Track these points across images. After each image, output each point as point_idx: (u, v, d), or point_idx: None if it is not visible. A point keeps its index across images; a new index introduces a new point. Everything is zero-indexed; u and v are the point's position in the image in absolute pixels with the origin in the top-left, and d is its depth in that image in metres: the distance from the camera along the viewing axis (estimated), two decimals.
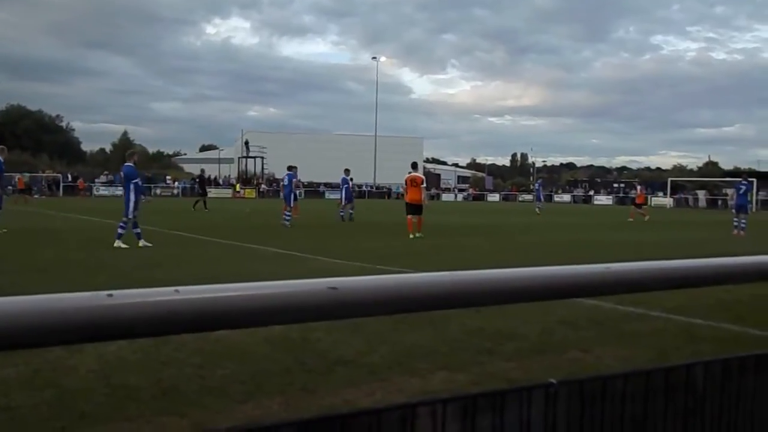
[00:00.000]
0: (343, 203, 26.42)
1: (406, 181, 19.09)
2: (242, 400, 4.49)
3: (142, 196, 15.46)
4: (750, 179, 27.55)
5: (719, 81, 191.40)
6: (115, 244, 14.10)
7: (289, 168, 24.49)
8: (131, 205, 14.44)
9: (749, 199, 24.82)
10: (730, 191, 66.81)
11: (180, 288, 1.02)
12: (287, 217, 22.53)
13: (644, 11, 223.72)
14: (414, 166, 19.11)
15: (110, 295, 0.95)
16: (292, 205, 23.00)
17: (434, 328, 6.44)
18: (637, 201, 34.80)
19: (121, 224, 14.58)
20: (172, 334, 1.02)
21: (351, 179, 26.98)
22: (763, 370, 1.75)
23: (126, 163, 15.02)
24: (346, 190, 26.43)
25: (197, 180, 40.37)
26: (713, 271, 1.65)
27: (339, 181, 28.08)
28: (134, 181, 14.60)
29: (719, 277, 1.65)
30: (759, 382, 1.73)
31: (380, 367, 5.29)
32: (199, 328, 1.03)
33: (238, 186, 70.24)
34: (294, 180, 23.98)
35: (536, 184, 46.71)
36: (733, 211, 23.30)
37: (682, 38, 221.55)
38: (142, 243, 14.36)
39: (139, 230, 14.65)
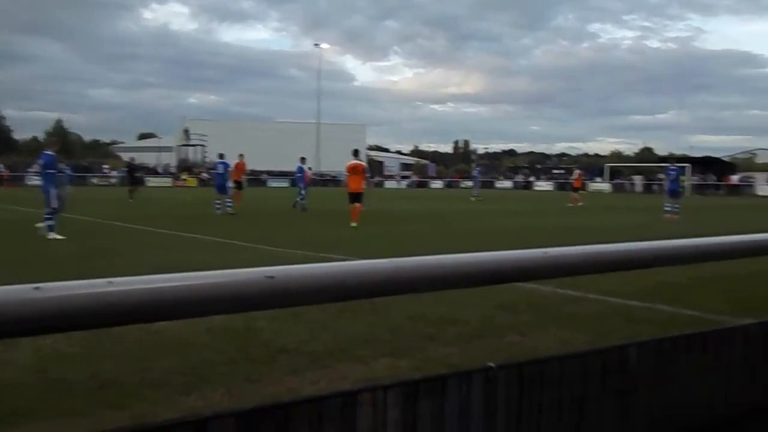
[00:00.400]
0: (303, 192, 25.97)
1: (347, 169, 18.76)
2: (184, 392, 4.43)
3: (67, 186, 14.87)
4: (680, 165, 28.43)
5: (654, 69, 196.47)
6: (49, 236, 13.60)
7: (221, 156, 24.98)
8: (52, 193, 13.89)
9: (681, 184, 25.50)
10: (637, 177, 68.91)
11: (114, 279, 0.99)
12: (221, 204, 22.69)
13: None
14: (355, 153, 18.89)
15: (37, 288, 0.92)
16: (230, 193, 23.10)
17: (377, 315, 6.46)
18: (575, 185, 35.28)
19: (47, 215, 14.00)
20: (106, 327, 0.99)
21: (310, 168, 26.83)
22: (693, 349, 1.81)
23: (45, 151, 14.42)
24: (301, 179, 26.12)
25: (127, 169, 39.93)
26: (646, 254, 1.69)
27: (289, 169, 28.08)
28: (50, 171, 14.03)
29: (651, 260, 1.70)
30: (690, 360, 1.79)
31: (323, 354, 5.28)
32: (134, 320, 1.01)
33: (184, 174, 68.82)
34: (230, 168, 24.18)
35: (475, 171, 46.92)
36: (666, 196, 23.90)
37: (618, 27, 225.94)
38: (52, 236, 13.74)
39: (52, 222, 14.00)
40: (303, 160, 26.79)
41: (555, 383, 1.50)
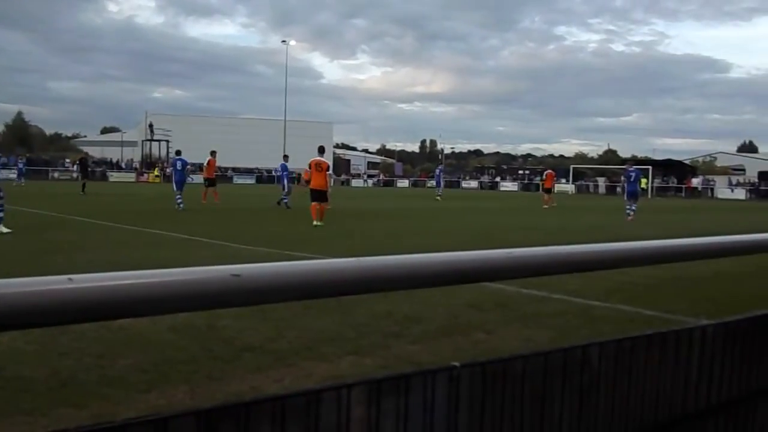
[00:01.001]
0: (286, 190, 25.70)
1: (310, 165, 18.14)
2: (145, 390, 4.38)
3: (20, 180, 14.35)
4: (638, 167, 28.73)
5: (618, 72, 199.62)
6: None
7: (177, 153, 25.53)
8: None
9: (639, 185, 25.71)
10: (600, 179, 69.81)
11: (74, 276, 0.98)
12: (180, 200, 22.91)
13: (549, 2, 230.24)
14: (320, 150, 18.48)
15: None
16: (182, 190, 23.41)
17: (342, 313, 6.46)
18: (545, 186, 34.32)
19: None
20: (66, 324, 0.98)
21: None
22: (653, 348, 1.84)
23: None
24: (285, 177, 25.91)
25: (78, 163, 40.08)
26: (610, 255, 1.72)
27: (255, 165, 28.05)
28: None
29: (615, 261, 1.73)
30: (649, 360, 1.82)
31: (288, 352, 5.27)
32: (95, 318, 1.00)
33: (156, 171, 67.83)
34: (188, 166, 24.69)
35: (437, 170, 46.49)
36: (625, 198, 24.03)
37: (584, 29, 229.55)
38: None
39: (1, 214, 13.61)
40: (286, 158, 26.58)
41: (518, 381, 1.52)
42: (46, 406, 4.06)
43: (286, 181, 25.83)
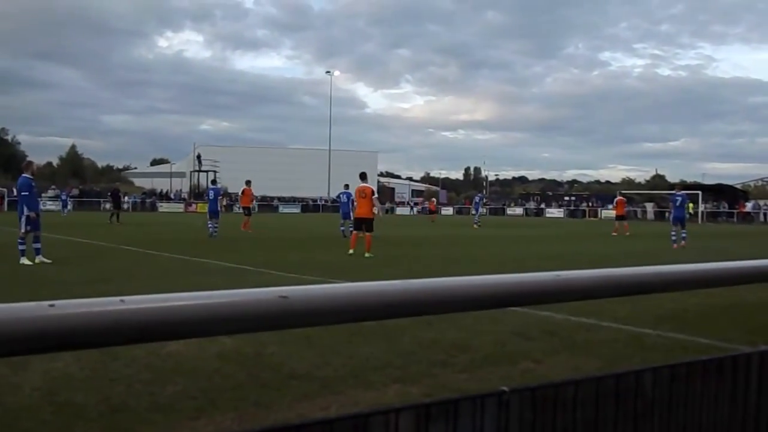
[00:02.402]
0: (342, 219, 25.34)
1: (355, 192, 17.79)
2: (194, 417, 4.41)
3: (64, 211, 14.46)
4: (687, 191, 27.71)
5: (665, 96, 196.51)
6: (21, 261, 13.44)
7: (213, 182, 26.62)
8: (24, 219, 13.63)
9: (686, 210, 24.79)
10: (649, 205, 68.18)
11: (126, 298, 0.99)
12: (213, 228, 23.64)
13: (593, 28, 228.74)
14: (362, 176, 17.89)
15: (52, 305, 0.92)
16: (219, 218, 24.19)
17: (388, 340, 6.43)
18: (618, 213, 32.24)
19: (20, 240, 13.82)
20: (118, 345, 0.99)
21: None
22: (709, 375, 1.79)
23: (23, 174, 14.16)
24: (344, 206, 25.40)
25: (110, 195, 41.50)
26: (659, 278, 1.68)
27: (300, 195, 28.48)
28: (24, 193, 13.80)
29: (664, 284, 1.69)
30: (705, 386, 1.77)
31: (334, 380, 5.25)
32: (146, 339, 1.01)
33: (226, 202, 68.93)
34: (220, 195, 25.44)
35: (476, 198, 45.10)
36: (671, 223, 22.95)
37: (629, 55, 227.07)
38: (39, 259, 13.67)
39: (38, 245, 13.88)
40: (347, 187, 26.56)
41: (569, 407, 1.48)
42: (98, 431, 4.12)
43: (344, 209, 25.36)
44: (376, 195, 17.81)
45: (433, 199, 36.02)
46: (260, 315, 1.09)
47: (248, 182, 27.99)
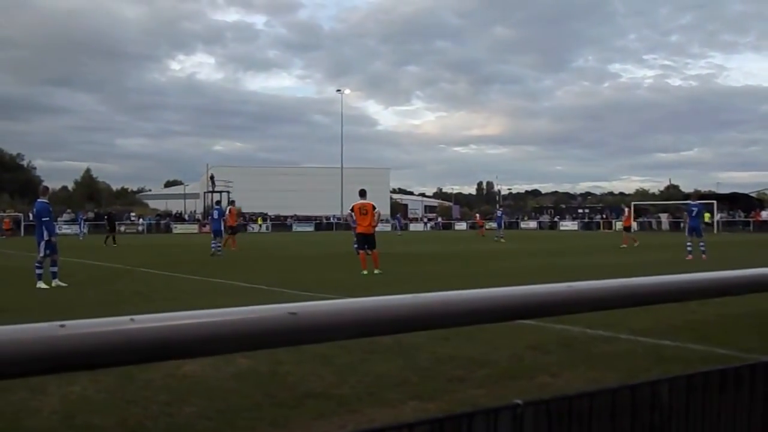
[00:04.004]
0: (213, 237, 26.11)
1: (354, 209, 17.18)
2: None
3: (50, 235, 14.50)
4: (702, 201, 27.17)
5: (676, 107, 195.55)
6: (38, 285, 13.53)
7: (217, 203, 28.95)
8: (43, 243, 13.83)
9: (702, 220, 24.23)
10: (663, 216, 67.54)
11: (136, 317, 1.00)
12: (217, 247, 24.81)
13: (602, 41, 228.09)
14: (362, 193, 17.35)
15: (62, 326, 0.92)
16: (224, 237, 25.70)
17: (404, 357, 6.40)
18: (625, 225, 32.78)
19: (37, 264, 13.97)
20: (130, 364, 0.99)
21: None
22: (726, 385, 1.77)
23: (39, 199, 14.35)
24: (216, 223, 26.64)
25: (106, 217, 42.42)
26: (675, 287, 1.67)
27: (314, 213, 29.34)
28: (45, 219, 13.95)
29: (680, 294, 1.67)
30: (723, 397, 1.74)
31: (351, 398, 5.23)
32: (157, 357, 1.01)
33: (246, 220, 69.82)
34: (219, 214, 26.40)
35: (498, 212, 46.18)
36: (686, 233, 22.29)
37: (639, 66, 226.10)
38: (55, 283, 13.78)
39: (55, 269, 14.03)
40: (218, 203, 29.23)
41: (584, 420, 1.47)
42: None
43: (220, 227, 26.83)
44: (377, 210, 17.36)
45: (628, 210, 34.42)
46: (270, 332, 1.09)
47: (232, 202, 30.43)
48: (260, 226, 73.28)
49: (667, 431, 1.63)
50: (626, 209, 35.34)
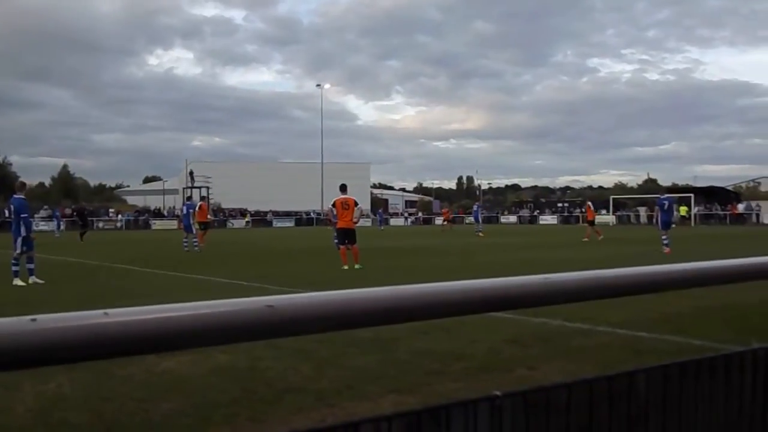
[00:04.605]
0: (185, 233, 26.05)
1: (335, 204, 16.98)
2: None
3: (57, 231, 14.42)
4: (681, 194, 27.51)
5: (654, 101, 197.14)
6: (14, 282, 13.38)
7: (188, 198, 29.34)
8: (20, 240, 13.66)
9: (678, 213, 24.39)
10: (642, 209, 68.35)
11: (110, 311, 0.98)
12: (195, 243, 24.77)
13: (581, 36, 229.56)
14: (342, 188, 17.19)
15: (34, 320, 0.91)
16: (194, 233, 25.32)
17: (383, 351, 6.41)
18: (588, 218, 33.29)
19: (13, 261, 13.81)
20: (104, 359, 0.98)
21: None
22: (702, 374, 1.78)
23: (15, 195, 14.13)
24: (185, 218, 26.59)
25: (75, 213, 42.62)
26: (650, 278, 1.68)
27: (294, 209, 29.15)
28: (23, 215, 13.80)
29: (655, 285, 1.68)
30: (699, 386, 1.76)
31: (329, 392, 5.23)
32: (132, 352, 1.00)
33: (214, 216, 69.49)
34: (192, 210, 26.14)
35: (475, 207, 46.73)
36: (659, 228, 22.27)
37: (617, 61, 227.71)
38: (32, 280, 13.63)
39: (32, 266, 13.89)
40: (189, 198, 29.53)
41: (562, 411, 1.47)
42: None
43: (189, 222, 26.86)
44: (359, 205, 17.34)
45: (446, 209, 36.02)
46: (247, 325, 1.08)
47: (203, 198, 29.88)
48: (248, 222, 72.89)
49: (644, 421, 1.64)
50: (588, 203, 36.05)
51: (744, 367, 1.89)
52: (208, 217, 30.79)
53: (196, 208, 27.34)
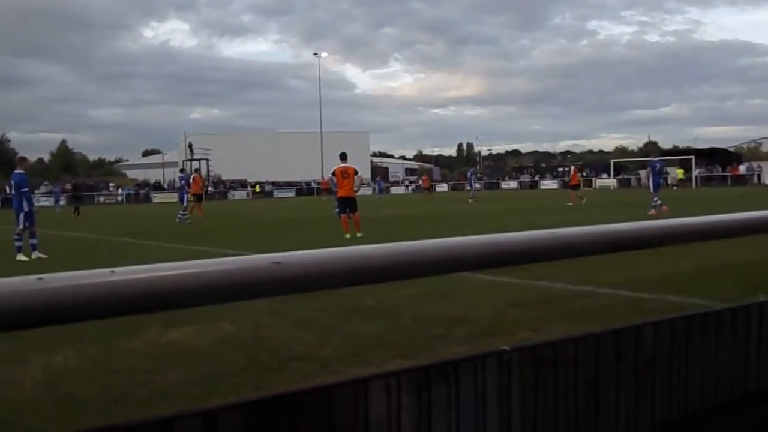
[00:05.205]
0: (182, 204, 26.28)
1: (335, 173, 16.91)
2: (195, 403, 4.41)
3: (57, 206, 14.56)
4: (661, 158, 27.99)
5: (654, 63, 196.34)
6: (17, 258, 13.44)
7: (181, 170, 28.99)
8: (22, 215, 13.68)
9: (663, 176, 24.97)
10: (642, 172, 68.43)
11: (116, 269, 0.98)
12: (184, 215, 25.01)
13: None
14: (342, 157, 17.10)
15: (40, 279, 0.90)
16: (184, 205, 25.57)
17: (386, 317, 6.44)
18: (572, 183, 33.90)
19: (16, 236, 13.86)
20: (111, 317, 0.98)
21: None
22: (708, 328, 1.78)
23: (16, 170, 14.10)
24: (181, 190, 26.85)
25: (72, 188, 43.57)
26: (655, 232, 1.67)
27: (294, 179, 29.45)
28: (24, 190, 13.78)
29: (660, 238, 1.67)
30: (705, 339, 1.77)
31: (334, 359, 5.25)
32: (138, 310, 0.99)
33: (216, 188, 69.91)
34: (185, 182, 26.51)
35: (468, 173, 47.02)
36: (652, 190, 22.78)
37: (616, 23, 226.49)
38: (35, 255, 13.69)
39: (35, 241, 13.94)
40: (183, 171, 29.62)
41: (570, 365, 1.48)
42: (99, 422, 4.11)
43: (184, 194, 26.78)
44: (359, 174, 17.22)
45: (425, 176, 36.87)
46: (254, 282, 1.07)
47: (197, 170, 30.21)
48: (259, 192, 73.08)
49: (651, 374, 1.65)
50: (572, 167, 36.32)
51: (750, 319, 1.89)
52: (209, 189, 31.05)
53: (190, 180, 27.48)
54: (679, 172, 60.79)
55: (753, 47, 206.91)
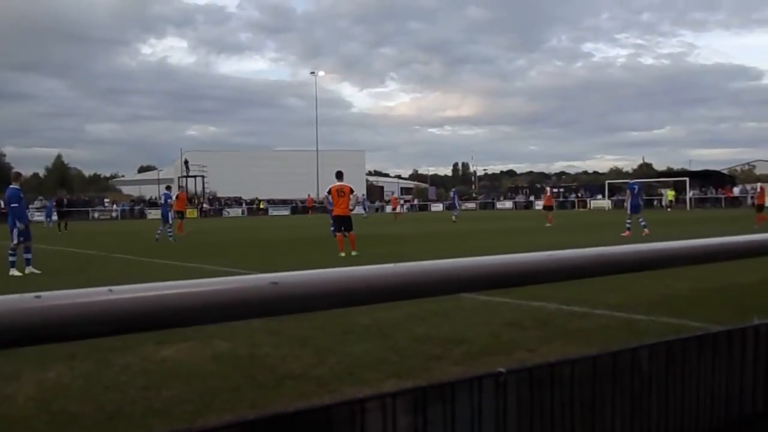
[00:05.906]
0: (162, 223, 25.92)
1: (330, 191, 17.12)
2: (190, 420, 4.38)
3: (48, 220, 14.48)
4: (640, 180, 28.46)
5: (648, 85, 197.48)
6: (11, 273, 13.41)
7: (167, 188, 28.60)
8: (16, 230, 13.63)
9: (642, 198, 25.11)
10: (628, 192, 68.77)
11: (114, 288, 0.98)
12: (169, 233, 25.04)
13: (575, 20, 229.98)
14: (338, 175, 17.25)
15: (38, 297, 0.90)
16: (170, 222, 25.53)
17: (382, 337, 6.42)
18: (545, 204, 34.52)
19: (10, 251, 13.82)
20: (107, 336, 0.97)
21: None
22: (704, 350, 1.79)
23: (11, 185, 14.05)
24: (163, 207, 26.51)
25: (56, 203, 43.26)
26: (652, 255, 1.67)
27: (290, 197, 29.46)
28: (13, 205, 13.71)
29: (657, 261, 1.68)
30: (701, 362, 1.77)
31: (330, 378, 5.23)
32: (135, 329, 0.99)
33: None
34: (170, 200, 26.33)
35: (451, 193, 47.72)
36: (629, 212, 22.93)
37: (611, 45, 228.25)
38: (29, 270, 13.68)
39: (29, 256, 13.95)
40: (168, 188, 28.43)
41: (566, 386, 1.47)
42: None
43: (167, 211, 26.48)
44: (354, 193, 17.38)
45: (394, 195, 37.42)
46: (251, 302, 1.07)
47: (181, 188, 30.67)
48: (261, 208, 73.40)
49: (647, 396, 1.65)
50: (547, 188, 37.09)
51: (746, 342, 1.89)
52: (204, 205, 31.24)
53: (174, 198, 27.64)
54: (669, 194, 61.27)
55: (746, 70, 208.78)
